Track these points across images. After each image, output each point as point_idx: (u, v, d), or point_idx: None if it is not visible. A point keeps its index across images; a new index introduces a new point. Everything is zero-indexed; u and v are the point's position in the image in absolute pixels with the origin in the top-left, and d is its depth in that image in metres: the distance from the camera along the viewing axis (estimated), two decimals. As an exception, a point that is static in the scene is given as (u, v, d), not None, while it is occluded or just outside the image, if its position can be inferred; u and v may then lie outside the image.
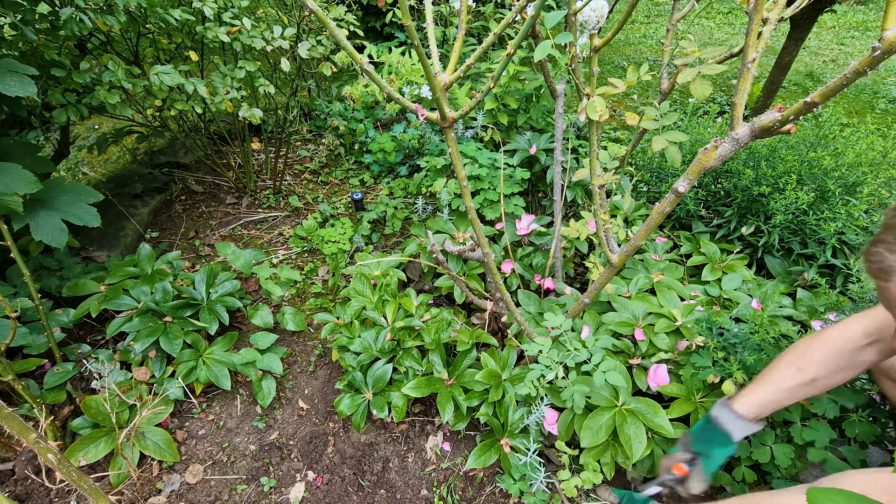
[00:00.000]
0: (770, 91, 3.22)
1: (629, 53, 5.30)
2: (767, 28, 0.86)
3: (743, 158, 2.08)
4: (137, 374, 1.60)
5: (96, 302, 1.68)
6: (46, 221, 1.43)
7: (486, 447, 1.44)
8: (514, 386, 1.50)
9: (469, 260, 1.92)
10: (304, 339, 1.94)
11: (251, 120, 1.90)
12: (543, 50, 0.92)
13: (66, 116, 1.59)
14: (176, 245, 2.31)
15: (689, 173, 0.92)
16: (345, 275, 2.15)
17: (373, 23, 3.60)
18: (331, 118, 2.83)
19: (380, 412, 1.52)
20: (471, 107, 1.00)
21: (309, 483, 1.48)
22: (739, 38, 5.97)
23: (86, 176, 2.72)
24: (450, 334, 1.64)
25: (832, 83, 0.67)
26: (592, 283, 1.33)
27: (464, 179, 1.13)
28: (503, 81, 2.22)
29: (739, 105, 0.84)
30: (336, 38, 0.87)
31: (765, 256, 1.95)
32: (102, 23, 1.51)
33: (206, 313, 1.75)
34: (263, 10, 2.08)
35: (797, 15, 2.81)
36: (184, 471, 1.50)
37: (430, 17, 1.02)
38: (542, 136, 2.19)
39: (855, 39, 6.04)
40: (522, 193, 2.25)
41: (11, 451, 1.46)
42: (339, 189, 2.74)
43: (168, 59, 2.03)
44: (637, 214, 2.12)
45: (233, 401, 1.71)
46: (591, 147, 1.21)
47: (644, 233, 1.07)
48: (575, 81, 1.16)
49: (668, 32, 1.25)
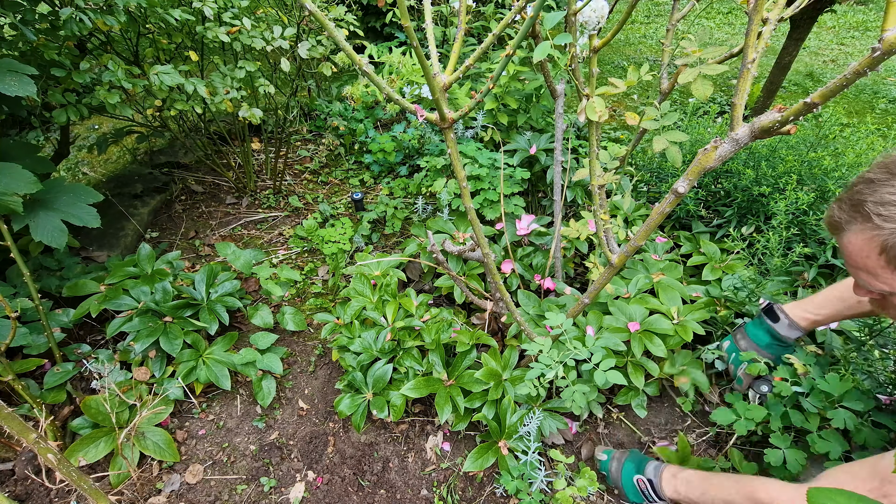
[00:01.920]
0: (770, 91, 3.22)
1: (629, 53, 5.30)
2: (767, 28, 0.86)
3: (743, 158, 2.08)
4: (137, 374, 1.60)
5: (96, 302, 1.68)
6: (46, 222, 1.43)
7: (483, 449, 1.43)
8: (514, 386, 1.50)
9: (469, 260, 1.92)
10: (304, 339, 1.94)
11: (251, 120, 1.90)
12: (543, 51, 0.92)
13: (66, 116, 1.59)
14: (176, 245, 2.31)
15: (688, 174, 0.92)
16: (345, 275, 2.15)
17: (373, 23, 3.60)
18: (331, 118, 2.83)
19: (380, 412, 1.52)
20: (470, 107, 1.00)
21: (309, 483, 1.48)
22: (739, 38, 5.97)
23: (86, 176, 2.72)
24: (450, 335, 1.64)
25: (832, 84, 0.67)
26: (592, 284, 1.33)
27: (463, 180, 1.13)
28: (503, 81, 2.22)
29: (739, 105, 0.84)
30: (335, 38, 0.87)
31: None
32: (102, 23, 1.51)
33: (206, 313, 1.75)
34: (263, 10, 2.08)
35: (797, 15, 2.80)
36: (184, 471, 1.50)
37: (429, 18, 1.02)
38: (542, 136, 2.19)
39: (855, 39, 6.04)
40: (522, 193, 2.25)
41: (11, 451, 1.46)
42: (339, 189, 2.74)
43: (168, 59, 2.03)
44: (637, 214, 2.11)
45: (233, 401, 1.71)
46: (590, 147, 1.21)
47: (644, 233, 1.07)
48: (575, 82, 1.16)
49: (668, 32, 1.25)
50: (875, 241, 0.75)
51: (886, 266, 0.76)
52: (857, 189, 0.78)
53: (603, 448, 1.49)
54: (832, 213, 0.83)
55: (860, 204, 0.76)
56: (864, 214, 0.75)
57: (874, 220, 0.74)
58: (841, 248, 0.84)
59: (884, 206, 0.73)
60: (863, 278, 0.82)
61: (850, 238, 0.79)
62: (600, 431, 1.62)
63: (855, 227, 0.78)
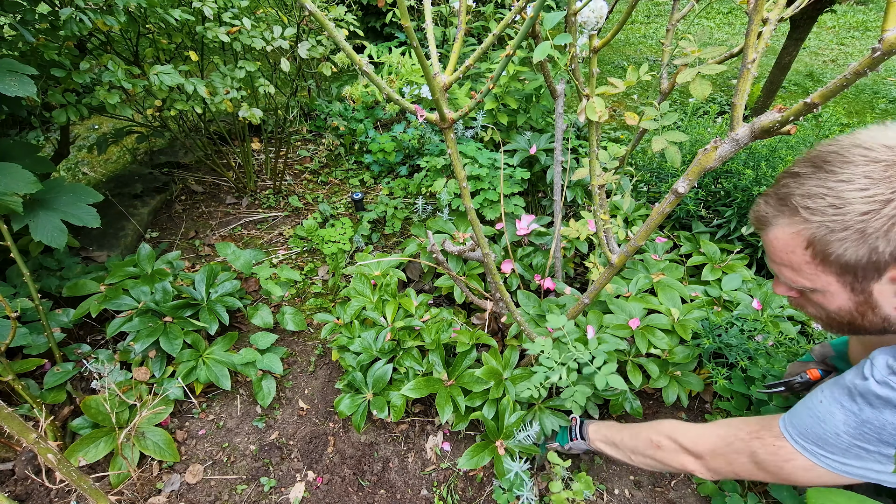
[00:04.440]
0: (770, 91, 3.22)
1: (629, 53, 5.30)
2: (767, 28, 0.86)
3: (743, 159, 2.08)
4: (137, 374, 1.60)
5: (96, 302, 1.68)
6: (46, 222, 1.43)
7: (479, 448, 1.43)
8: (514, 385, 1.50)
9: (469, 260, 1.92)
10: (304, 339, 1.94)
11: (251, 120, 1.90)
12: (543, 51, 0.92)
13: (66, 116, 1.59)
14: (176, 245, 2.31)
15: (688, 174, 0.92)
16: (345, 275, 2.15)
17: (373, 23, 3.59)
18: (331, 118, 2.83)
19: (380, 412, 1.52)
20: (470, 107, 1.00)
21: (309, 483, 1.48)
22: (739, 38, 5.97)
23: (86, 176, 2.72)
24: (450, 335, 1.64)
25: (832, 84, 0.67)
26: (592, 284, 1.33)
27: (463, 180, 1.13)
28: (503, 82, 2.22)
29: (739, 105, 0.84)
30: (335, 38, 0.87)
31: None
32: (102, 23, 1.51)
33: (206, 313, 1.75)
34: (263, 10, 2.08)
35: (797, 15, 2.80)
36: (184, 471, 1.50)
37: (429, 18, 1.02)
38: (542, 136, 2.19)
39: (855, 39, 6.04)
40: (522, 193, 2.25)
41: (11, 451, 1.46)
42: (339, 189, 2.74)
43: (168, 59, 2.03)
44: (637, 214, 2.12)
45: (233, 401, 1.71)
46: (590, 147, 1.21)
47: (644, 233, 1.07)
48: (575, 82, 1.16)
49: (667, 32, 1.25)
50: (801, 235, 0.73)
51: (811, 261, 0.74)
52: (784, 183, 0.77)
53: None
54: (759, 209, 0.81)
55: (787, 197, 0.75)
56: (791, 208, 0.74)
57: (801, 213, 0.72)
58: (766, 245, 0.82)
59: (811, 199, 0.71)
60: (785, 275, 0.80)
61: (776, 233, 0.77)
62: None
63: (781, 221, 0.76)
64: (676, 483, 1.49)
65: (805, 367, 1.22)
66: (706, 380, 1.58)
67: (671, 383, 1.56)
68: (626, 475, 1.52)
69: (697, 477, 1.38)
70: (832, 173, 0.70)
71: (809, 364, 1.22)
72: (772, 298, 1.65)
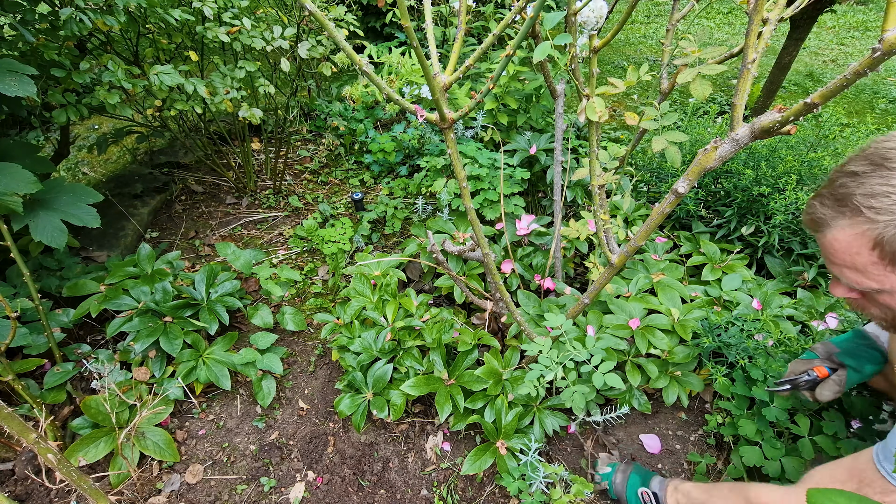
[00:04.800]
0: (770, 91, 3.22)
1: (629, 53, 5.30)
2: (767, 28, 0.86)
3: (743, 159, 2.08)
4: (137, 374, 1.60)
5: (96, 302, 1.68)
6: (46, 222, 1.43)
7: (481, 451, 1.43)
8: (514, 386, 1.50)
9: (469, 260, 1.92)
10: (304, 339, 1.94)
11: (251, 120, 1.90)
12: (543, 51, 0.92)
13: (66, 116, 1.59)
14: (176, 245, 2.31)
15: (688, 174, 0.92)
16: (345, 275, 2.15)
17: (373, 23, 3.59)
18: (331, 118, 2.83)
19: (380, 412, 1.52)
20: (470, 107, 1.00)
21: (309, 483, 1.48)
22: (739, 38, 5.97)
23: (86, 176, 2.72)
24: (452, 335, 1.64)
25: (832, 84, 0.67)
26: (592, 284, 1.33)
27: (463, 180, 1.13)
28: (503, 82, 2.22)
29: (739, 105, 0.84)
30: (335, 38, 0.87)
31: (765, 256, 1.95)
32: (102, 23, 1.51)
33: (206, 313, 1.75)
34: (263, 10, 2.08)
35: (797, 15, 2.80)
36: (184, 471, 1.50)
37: (429, 18, 1.02)
38: (542, 136, 2.19)
39: (855, 39, 6.04)
40: (522, 193, 2.25)
41: (11, 451, 1.46)
42: (339, 189, 2.74)
43: (168, 59, 2.03)
44: (637, 214, 2.12)
45: (233, 401, 1.71)
46: (590, 147, 1.21)
47: (644, 233, 1.07)
48: (575, 82, 1.16)
49: (668, 32, 1.25)
50: (866, 235, 0.71)
51: (879, 261, 0.72)
52: (841, 183, 0.74)
53: (608, 461, 1.48)
54: (813, 210, 0.78)
55: (846, 197, 0.72)
56: (853, 208, 0.71)
57: (865, 213, 0.70)
58: (824, 247, 0.79)
59: (875, 198, 0.69)
60: (848, 277, 0.78)
61: (836, 234, 0.75)
62: (599, 432, 1.62)
63: (842, 222, 0.73)
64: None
65: (809, 364, 1.20)
66: (706, 380, 1.58)
67: (671, 383, 1.56)
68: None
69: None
70: (895, 170, 0.68)
71: (814, 361, 1.19)
72: (772, 298, 1.65)
